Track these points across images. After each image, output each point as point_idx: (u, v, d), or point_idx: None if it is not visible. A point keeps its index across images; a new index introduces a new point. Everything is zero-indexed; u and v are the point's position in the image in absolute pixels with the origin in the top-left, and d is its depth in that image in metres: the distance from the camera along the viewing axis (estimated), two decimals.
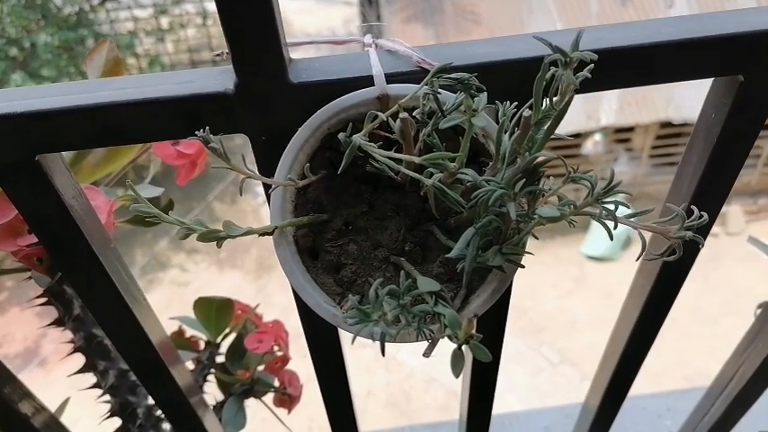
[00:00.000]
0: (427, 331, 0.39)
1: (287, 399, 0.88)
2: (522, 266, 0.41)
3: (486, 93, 0.38)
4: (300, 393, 0.88)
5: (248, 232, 0.41)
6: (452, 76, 0.38)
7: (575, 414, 1.33)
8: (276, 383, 0.87)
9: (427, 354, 0.38)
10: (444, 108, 0.40)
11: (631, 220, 0.36)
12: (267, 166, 0.46)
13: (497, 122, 0.44)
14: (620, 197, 0.35)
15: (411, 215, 0.45)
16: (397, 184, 0.44)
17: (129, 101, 0.43)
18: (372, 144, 0.40)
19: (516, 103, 0.42)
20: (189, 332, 0.93)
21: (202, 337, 0.91)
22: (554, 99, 0.35)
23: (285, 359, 0.86)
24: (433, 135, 0.38)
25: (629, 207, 0.38)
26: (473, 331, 0.33)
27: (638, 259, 0.37)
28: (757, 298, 0.83)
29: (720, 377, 0.90)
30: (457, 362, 0.33)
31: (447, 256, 0.35)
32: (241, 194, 0.37)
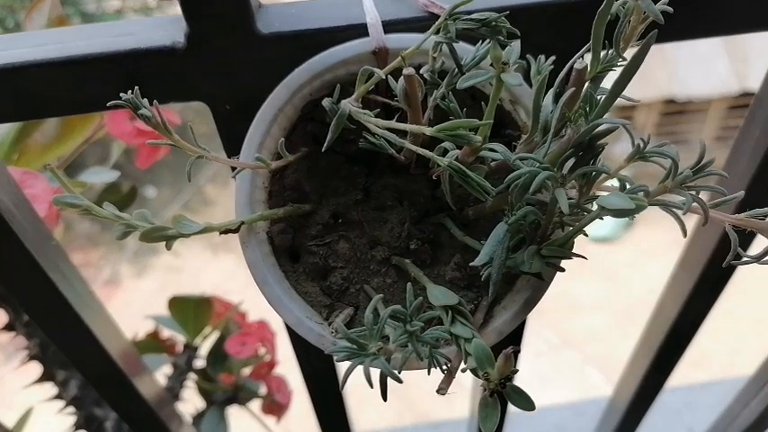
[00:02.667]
0: (443, 361, 0.29)
1: (275, 406, 0.78)
2: (562, 270, 0.32)
3: (519, 40, 0.28)
4: (290, 400, 0.79)
5: (206, 229, 0.31)
6: (474, 17, 0.28)
7: (585, 411, 1.25)
8: (263, 390, 0.78)
9: (443, 390, 0.29)
10: (462, 63, 0.30)
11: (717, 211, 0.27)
12: (234, 142, 0.36)
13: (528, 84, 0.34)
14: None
15: (417, 204, 0.35)
16: (400, 165, 0.35)
17: (48, 60, 0.33)
18: (367, 112, 0.30)
19: (553, 57, 0.32)
20: (167, 332, 0.84)
21: (181, 338, 0.82)
22: (619, 45, 0.25)
23: (272, 363, 0.77)
24: (448, 97, 0.28)
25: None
26: (512, 368, 0.24)
27: (726, 264, 0.28)
28: None
29: (758, 376, 0.81)
30: (489, 414, 0.23)
31: (472, 264, 0.26)
32: (189, 180, 0.27)
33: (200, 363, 0.80)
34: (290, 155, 0.33)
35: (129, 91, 0.26)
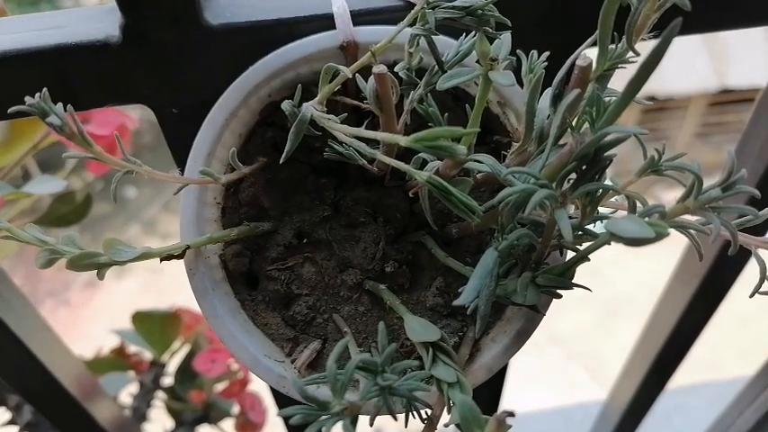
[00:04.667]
0: (422, 409, 0.25)
1: (249, 425, 0.74)
2: (559, 296, 0.27)
3: (510, 32, 0.24)
4: (265, 419, 0.74)
5: (144, 256, 0.27)
6: (457, 4, 0.23)
7: (574, 417, 1.22)
8: (235, 409, 0.73)
9: None
10: (444, 59, 0.26)
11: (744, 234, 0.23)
12: (183, 152, 0.31)
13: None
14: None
15: (394, 221, 0.31)
16: (373, 177, 0.30)
17: None
18: (332, 117, 0.25)
19: (548, 53, 0.28)
20: (134, 348, 0.78)
21: (148, 354, 0.77)
22: (632, 37, 0.21)
23: (245, 380, 0.72)
24: (427, 100, 0.24)
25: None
26: None
27: (752, 295, 0.24)
28: None
29: (754, 384, 0.78)
30: None
31: (456, 303, 0.21)
32: (114, 200, 0.22)
33: (168, 380, 0.75)
34: (245, 166, 0.28)
35: (38, 94, 0.22)
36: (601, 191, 0.22)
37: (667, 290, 0.58)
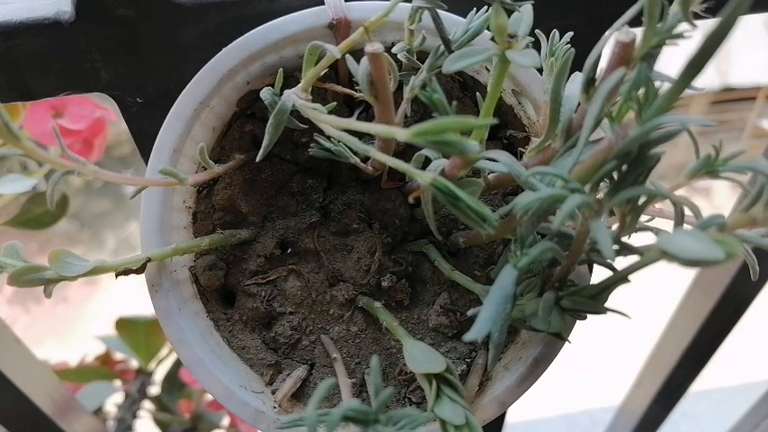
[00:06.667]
0: None
1: None
2: (584, 318, 0.23)
3: (530, 3, 0.20)
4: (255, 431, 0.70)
5: (97, 270, 0.23)
6: None
7: (579, 422, 1.18)
8: (225, 421, 0.69)
9: None
10: (451, 38, 0.22)
11: None
12: (151, 147, 0.27)
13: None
14: None
15: (392, 227, 0.27)
16: (368, 178, 0.26)
17: None
18: (318, 106, 0.21)
19: (571, 33, 0.24)
20: (121, 355, 0.74)
21: (135, 362, 0.73)
22: (688, 6, 0.16)
23: None
24: (431, 85, 0.19)
25: None
26: None
27: None
28: None
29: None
30: None
31: (465, 338, 0.17)
32: (51, 205, 0.18)
33: (155, 389, 0.71)
34: (219, 164, 0.24)
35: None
36: (647, 196, 0.18)
37: (686, 297, 0.54)
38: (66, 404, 0.50)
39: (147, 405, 0.71)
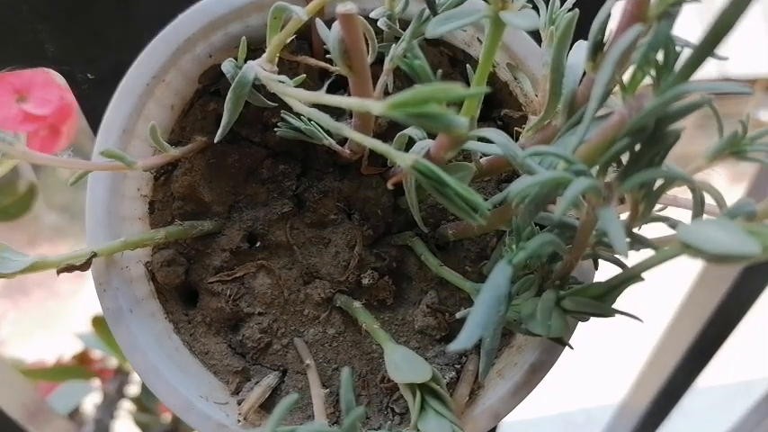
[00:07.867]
0: None
1: None
2: (587, 320, 0.21)
3: None
4: None
5: (36, 266, 0.20)
6: None
7: (577, 421, 1.17)
8: None
9: None
10: (438, 0, 0.19)
11: None
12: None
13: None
14: None
15: (374, 218, 0.24)
16: (346, 163, 0.23)
17: None
18: (285, 79, 0.18)
19: None
20: (99, 353, 0.71)
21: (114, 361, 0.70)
22: None
23: None
24: (413, 52, 0.17)
25: None
26: None
27: None
28: None
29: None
30: None
31: (451, 348, 0.14)
32: None
33: (134, 389, 0.68)
34: (173, 149, 0.22)
35: None
36: (664, 180, 0.15)
37: (691, 293, 0.51)
38: (37, 408, 0.48)
39: (127, 405, 0.69)
